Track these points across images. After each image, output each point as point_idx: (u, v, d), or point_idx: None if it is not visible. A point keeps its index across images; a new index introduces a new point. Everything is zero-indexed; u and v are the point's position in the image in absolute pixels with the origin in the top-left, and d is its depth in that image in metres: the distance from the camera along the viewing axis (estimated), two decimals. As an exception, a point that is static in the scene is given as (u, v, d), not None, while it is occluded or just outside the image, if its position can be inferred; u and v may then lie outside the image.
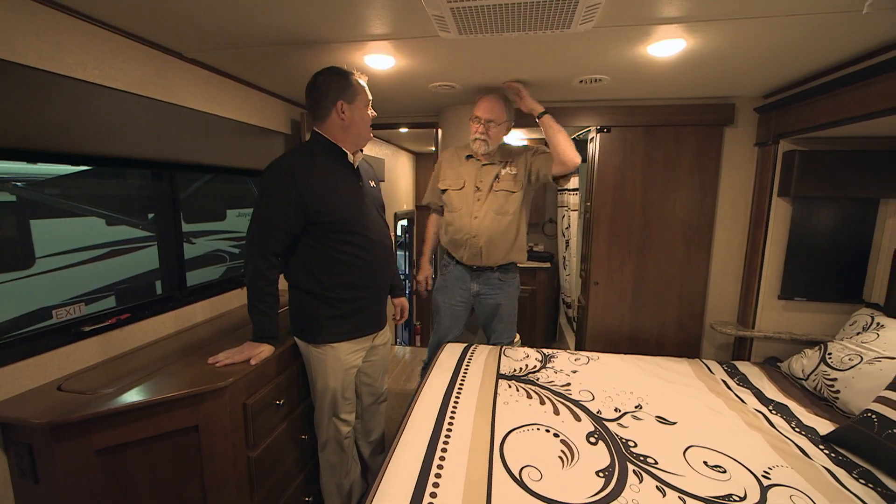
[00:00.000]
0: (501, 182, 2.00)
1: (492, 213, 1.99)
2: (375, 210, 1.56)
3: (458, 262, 2.11)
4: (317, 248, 1.43)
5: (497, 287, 2.08)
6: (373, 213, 1.53)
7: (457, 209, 2.05)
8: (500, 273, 2.08)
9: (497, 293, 2.09)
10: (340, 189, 1.43)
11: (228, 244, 2.31)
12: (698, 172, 2.29)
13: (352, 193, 1.47)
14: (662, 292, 2.41)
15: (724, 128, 2.24)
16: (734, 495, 1.11)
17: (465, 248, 2.04)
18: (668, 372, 1.84)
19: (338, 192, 1.42)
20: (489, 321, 2.17)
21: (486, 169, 2.03)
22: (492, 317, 2.14)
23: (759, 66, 1.69)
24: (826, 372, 1.67)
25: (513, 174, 2.00)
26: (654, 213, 2.35)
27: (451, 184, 2.08)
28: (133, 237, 1.76)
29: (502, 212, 1.99)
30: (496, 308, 2.11)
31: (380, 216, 1.58)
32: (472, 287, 2.10)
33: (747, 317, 2.24)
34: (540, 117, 1.88)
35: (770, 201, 2.11)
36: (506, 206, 1.99)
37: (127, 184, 1.71)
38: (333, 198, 1.40)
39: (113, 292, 1.64)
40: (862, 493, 1.13)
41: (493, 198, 2.00)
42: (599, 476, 1.17)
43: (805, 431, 1.43)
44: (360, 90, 1.45)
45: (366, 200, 1.51)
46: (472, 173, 2.04)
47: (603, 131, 2.34)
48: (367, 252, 1.48)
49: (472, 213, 2.01)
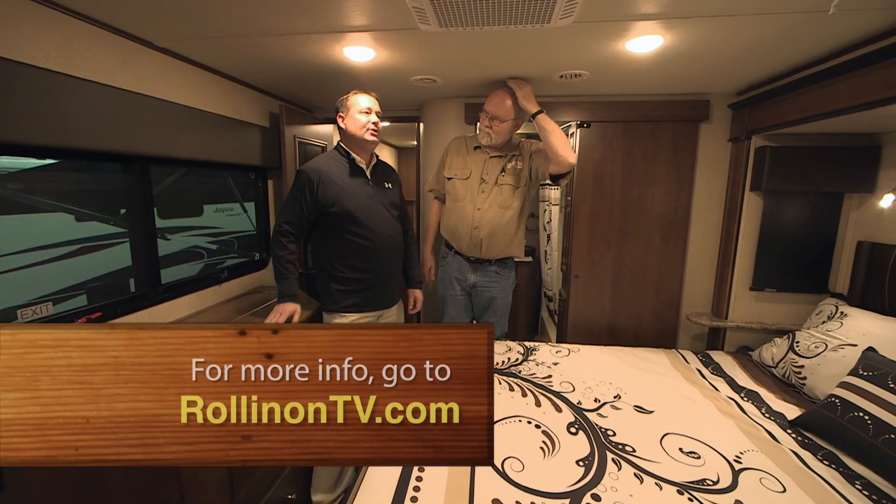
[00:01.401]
0: (506, 176, 2.01)
1: (495, 205, 2.00)
2: (383, 206, 1.82)
3: (457, 252, 2.12)
4: (329, 235, 1.76)
5: (494, 280, 2.10)
6: (379, 208, 1.79)
7: (460, 198, 2.05)
8: (497, 266, 2.10)
9: (493, 286, 2.10)
10: (349, 187, 1.72)
11: (206, 240, 2.24)
12: (675, 167, 2.34)
13: (358, 191, 1.74)
14: (640, 285, 2.46)
15: (700, 124, 2.29)
16: (708, 480, 1.15)
17: (466, 238, 2.05)
18: (646, 362, 1.88)
19: (346, 189, 1.71)
20: (482, 313, 2.19)
21: (493, 161, 2.04)
22: (485, 309, 2.16)
23: (733, 64, 1.73)
24: (794, 359, 1.75)
25: (518, 169, 2.01)
26: (633, 207, 2.40)
27: (456, 172, 2.08)
28: (105, 233, 1.69)
29: (505, 205, 2.00)
30: (490, 301, 2.12)
31: (388, 211, 1.83)
32: (469, 278, 2.12)
33: (721, 308, 2.31)
34: (534, 117, 1.86)
35: (743, 196, 2.17)
36: (509, 201, 2.01)
37: (97, 178, 1.64)
38: (341, 193, 1.70)
39: (84, 291, 1.58)
40: (825, 474, 1.19)
41: (497, 191, 2.01)
42: (580, 465, 1.19)
43: (774, 417, 1.49)
44: (354, 101, 1.73)
45: (374, 198, 1.78)
46: (480, 164, 2.04)
47: (583, 126, 2.36)
48: (369, 241, 1.74)
49: (475, 204, 2.02)
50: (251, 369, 0.69)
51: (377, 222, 1.78)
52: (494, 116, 1.92)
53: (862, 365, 1.43)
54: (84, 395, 0.67)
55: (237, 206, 2.35)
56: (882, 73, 1.36)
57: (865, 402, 1.31)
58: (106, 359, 0.68)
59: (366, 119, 1.72)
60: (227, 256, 2.25)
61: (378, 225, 1.78)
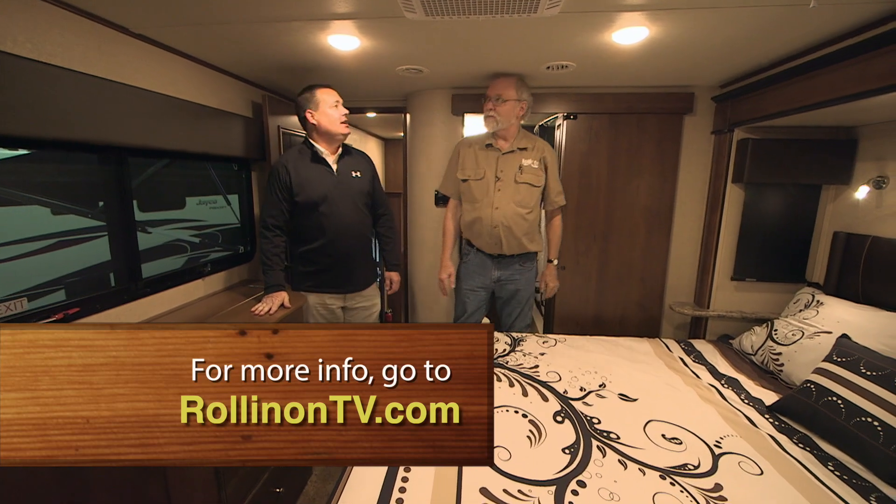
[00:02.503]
0: (525, 174, 2.02)
1: (512, 204, 2.01)
2: (349, 195, 1.90)
3: (479, 250, 2.14)
4: (298, 221, 1.89)
5: (518, 273, 2.13)
6: (343, 197, 1.88)
7: (478, 199, 2.06)
8: (519, 261, 2.12)
9: (517, 279, 2.13)
10: (312, 177, 1.83)
11: (189, 234, 2.20)
12: (659, 160, 2.37)
13: (322, 180, 1.85)
14: (625, 276, 2.50)
15: (684, 116, 2.32)
16: (689, 464, 1.18)
17: (486, 237, 2.07)
18: (631, 351, 1.92)
19: (310, 179, 1.83)
20: (505, 306, 2.22)
21: (506, 158, 2.04)
22: (509, 301, 2.19)
23: (717, 57, 1.75)
24: (772, 347, 1.80)
25: (535, 168, 2.02)
26: (618, 199, 2.42)
27: (470, 174, 2.09)
28: (82, 227, 1.64)
29: (523, 204, 2.02)
30: (515, 293, 2.15)
31: (353, 200, 1.92)
32: (493, 273, 2.14)
33: (703, 297, 2.36)
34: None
35: (725, 187, 2.21)
36: (527, 200, 2.03)
37: (73, 169, 1.59)
38: (305, 183, 1.82)
39: (63, 286, 1.53)
40: (801, 457, 1.23)
41: (514, 189, 2.02)
42: (565, 453, 1.21)
43: (753, 403, 1.53)
44: (321, 97, 1.80)
45: (339, 186, 1.87)
46: (493, 163, 2.05)
47: (569, 118, 2.37)
48: (331, 226, 1.87)
49: (493, 204, 2.02)
50: (251, 369, 0.69)
51: (340, 210, 1.88)
52: (498, 96, 1.94)
53: (836, 351, 1.48)
54: (84, 395, 0.67)
55: (220, 199, 2.31)
56: (858, 68, 1.39)
57: (839, 387, 1.35)
58: (106, 359, 0.68)
59: (338, 113, 1.82)
60: (211, 250, 2.22)
61: (340, 212, 1.88)
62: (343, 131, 1.85)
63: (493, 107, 1.95)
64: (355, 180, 1.94)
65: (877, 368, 1.32)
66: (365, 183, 1.98)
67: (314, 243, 1.89)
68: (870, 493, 1.10)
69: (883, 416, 1.22)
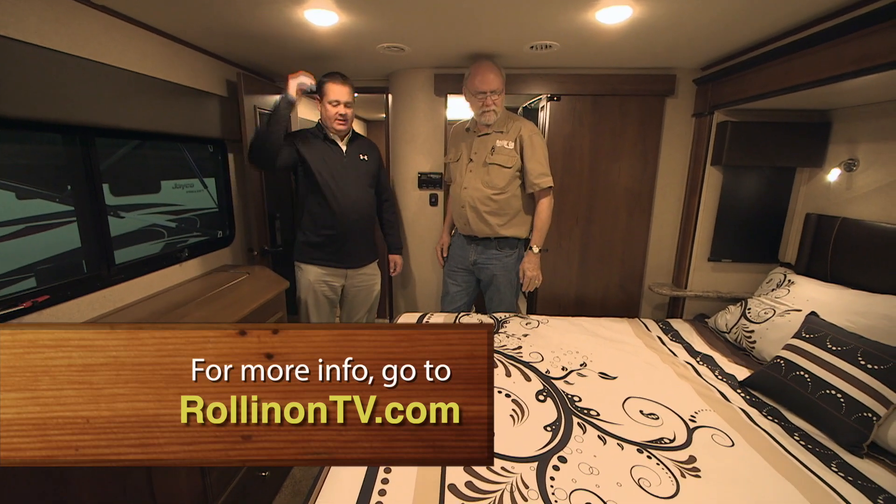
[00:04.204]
0: (496, 155, 2.01)
1: (480, 184, 2.02)
2: (355, 175, 2.05)
3: (459, 232, 2.22)
4: (303, 195, 2.05)
5: (495, 258, 2.11)
6: (349, 176, 2.03)
7: (454, 180, 2.16)
8: (497, 245, 2.12)
9: (493, 263, 2.12)
10: (320, 152, 2.00)
11: (165, 219, 2.13)
12: (641, 142, 2.38)
13: (329, 157, 2.01)
14: (606, 258, 2.54)
15: (666, 98, 2.33)
16: (665, 438, 1.22)
17: (458, 218, 2.15)
18: (611, 332, 1.96)
19: (318, 153, 1.99)
20: (486, 290, 2.23)
21: (480, 140, 2.04)
22: (488, 286, 2.20)
23: (699, 38, 1.75)
24: (745, 325, 1.86)
25: (509, 148, 2.00)
26: (601, 181, 2.44)
27: (451, 157, 2.19)
28: (51, 212, 1.57)
29: (491, 185, 2.01)
30: (492, 279, 2.15)
31: (358, 181, 2.06)
32: (469, 256, 2.16)
33: (681, 278, 2.42)
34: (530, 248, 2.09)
35: (704, 170, 2.25)
36: (496, 181, 2.01)
37: (37, 151, 1.51)
38: (312, 154, 1.98)
39: (33, 273, 1.47)
40: (769, 428, 1.29)
41: (483, 170, 2.03)
42: (547, 430, 1.24)
43: (726, 378, 1.60)
44: (326, 90, 1.93)
45: (346, 167, 2.03)
46: (469, 145, 2.08)
47: (553, 100, 2.35)
48: (333, 204, 1.99)
49: (462, 184, 2.08)
50: (251, 369, 0.69)
51: (344, 189, 2.01)
52: (494, 91, 1.94)
53: (805, 328, 1.54)
54: (84, 395, 0.67)
55: (197, 182, 2.23)
56: (834, 50, 1.41)
57: (806, 361, 1.42)
58: (106, 359, 0.68)
59: (334, 111, 1.94)
60: (189, 235, 2.15)
61: (345, 191, 2.01)
62: (335, 127, 1.97)
63: (492, 101, 1.95)
64: (362, 162, 2.08)
65: (841, 344, 1.39)
66: (371, 166, 2.12)
67: (318, 217, 2.02)
68: (831, 460, 1.17)
69: (846, 389, 1.28)
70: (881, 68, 1.26)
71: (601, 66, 2.27)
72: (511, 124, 2.03)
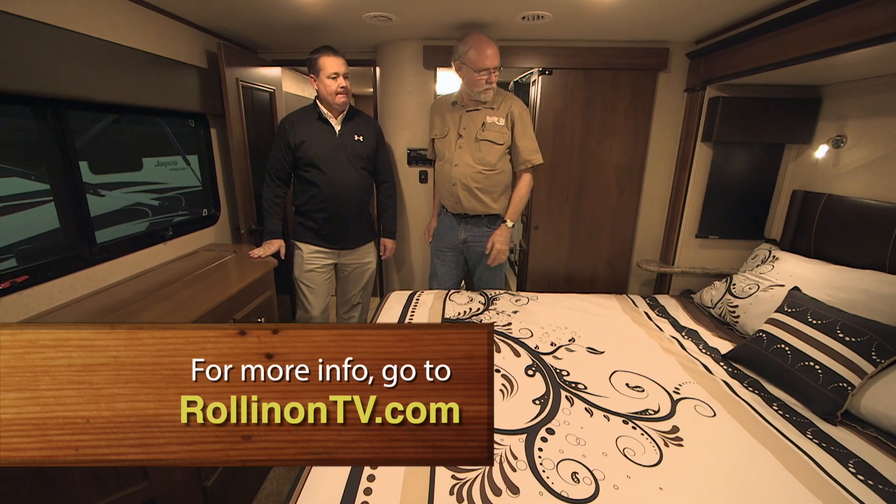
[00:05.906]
0: (487, 132, 1.96)
1: (471, 161, 1.97)
2: (347, 157, 2.01)
3: (447, 210, 2.15)
4: (298, 177, 2.05)
5: (486, 235, 2.09)
6: (342, 158, 1.99)
7: (441, 157, 2.07)
8: (487, 222, 2.09)
9: (484, 241, 2.09)
10: (313, 136, 1.96)
11: (149, 197, 2.07)
12: (633, 117, 2.36)
13: (323, 140, 1.97)
14: (596, 234, 2.55)
15: (659, 73, 2.29)
16: (650, 410, 1.26)
17: (448, 196, 2.08)
18: (599, 308, 1.99)
19: (311, 137, 1.95)
20: (475, 267, 2.21)
21: (470, 115, 1.98)
22: (477, 263, 2.18)
23: (693, 10, 1.71)
24: (730, 300, 1.90)
25: (500, 125, 1.96)
26: (591, 158, 2.42)
27: (437, 133, 2.09)
28: (27, 191, 1.51)
29: (482, 162, 1.97)
30: (482, 256, 2.13)
31: (351, 162, 2.02)
32: (459, 234, 2.13)
33: (669, 255, 2.45)
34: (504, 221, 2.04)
35: (694, 146, 2.24)
36: (487, 157, 1.97)
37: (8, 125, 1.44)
38: (306, 141, 1.95)
39: (13, 254, 1.43)
40: (749, 399, 1.34)
41: (475, 147, 1.97)
42: (536, 403, 1.27)
43: (710, 352, 1.64)
44: (322, 65, 1.88)
45: (339, 148, 1.99)
46: (456, 120, 2.01)
47: (545, 73, 2.30)
48: (326, 185, 1.98)
49: (452, 161, 2.00)
50: (251, 369, 0.69)
51: (336, 170, 1.98)
52: (497, 67, 1.87)
53: (787, 303, 1.57)
54: (84, 395, 0.67)
55: (180, 160, 2.16)
56: (825, 25, 1.39)
57: (787, 335, 1.46)
58: (106, 359, 0.67)
59: (335, 84, 1.89)
60: (174, 214, 2.10)
61: (337, 173, 1.99)
62: (337, 101, 1.93)
63: (494, 78, 1.89)
64: (357, 143, 2.03)
65: (821, 317, 1.42)
66: (367, 147, 2.07)
67: (311, 200, 2.02)
68: (807, 427, 1.21)
69: (824, 360, 1.33)
70: (875, 41, 1.25)
71: (594, 39, 2.22)
72: (501, 100, 1.99)
